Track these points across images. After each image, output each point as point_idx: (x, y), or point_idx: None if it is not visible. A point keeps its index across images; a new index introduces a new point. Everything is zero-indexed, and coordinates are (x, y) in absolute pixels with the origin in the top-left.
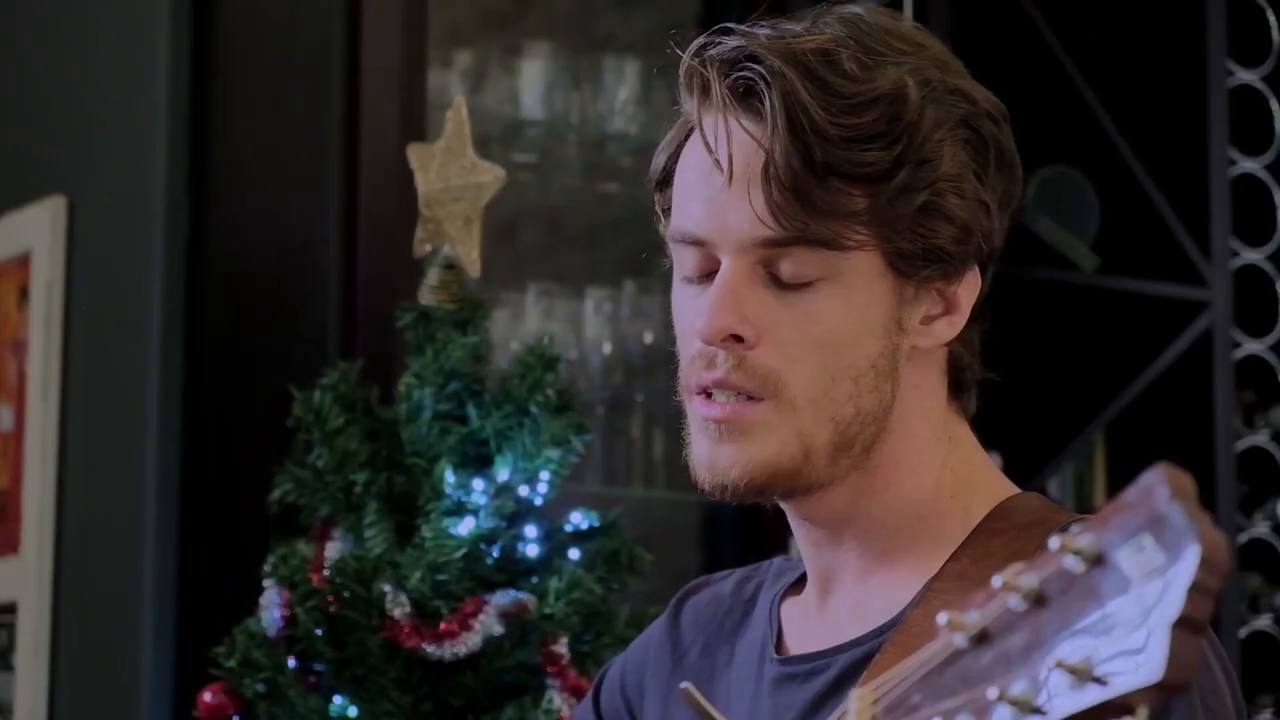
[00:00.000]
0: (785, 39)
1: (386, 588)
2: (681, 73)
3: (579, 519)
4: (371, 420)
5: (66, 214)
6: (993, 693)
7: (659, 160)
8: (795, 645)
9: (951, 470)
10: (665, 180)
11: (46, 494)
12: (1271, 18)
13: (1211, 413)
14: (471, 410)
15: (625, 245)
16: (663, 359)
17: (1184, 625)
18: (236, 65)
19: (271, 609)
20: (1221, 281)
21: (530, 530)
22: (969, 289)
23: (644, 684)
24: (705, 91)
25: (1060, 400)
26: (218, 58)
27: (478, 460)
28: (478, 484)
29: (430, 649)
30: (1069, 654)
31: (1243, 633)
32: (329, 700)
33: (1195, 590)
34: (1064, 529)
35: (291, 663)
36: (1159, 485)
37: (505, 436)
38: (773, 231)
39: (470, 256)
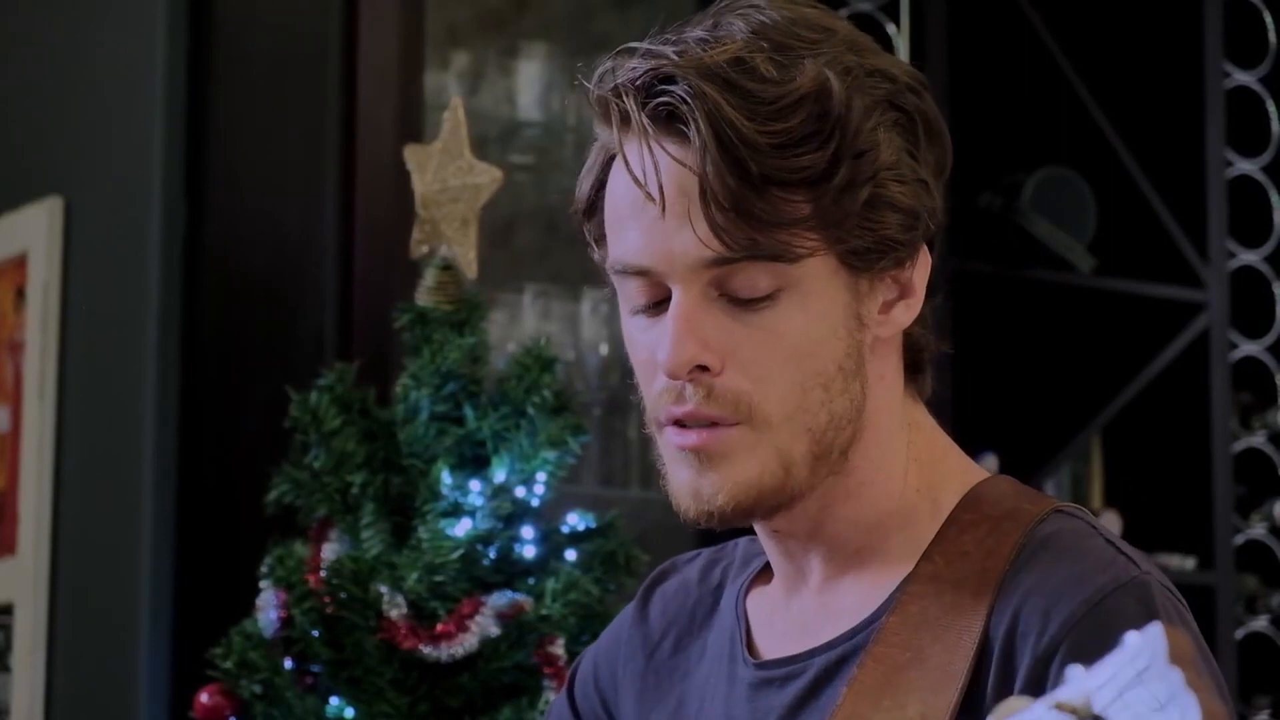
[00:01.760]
0: (695, 52)
1: (383, 589)
2: (593, 101)
3: (576, 520)
4: (368, 421)
5: (63, 215)
6: None
7: (583, 188)
8: (765, 644)
9: (915, 460)
10: (591, 209)
11: (43, 495)
12: (1268, 19)
13: (1208, 414)
14: (468, 411)
15: None
16: None
17: None
18: (233, 66)
19: (268, 610)
20: (1218, 283)
21: (527, 531)
22: (921, 270)
23: (618, 678)
24: (625, 120)
25: (1057, 401)
26: (215, 59)
27: (475, 461)
28: (475, 485)
29: (427, 650)
30: None
31: (1239, 634)
32: (326, 701)
33: None
34: (1040, 520)
35: (288, 664)
36: (1156, 643)
37: (502, 437)
38: (719, 252)
39: (467, 257)
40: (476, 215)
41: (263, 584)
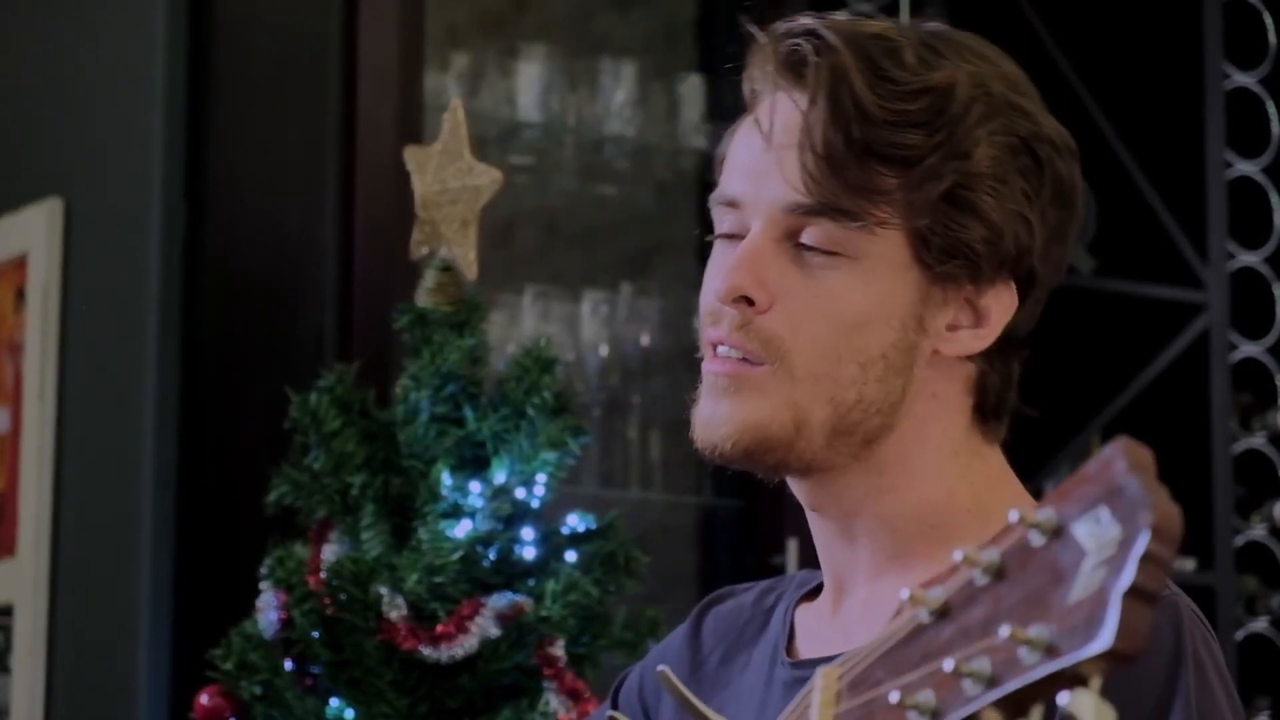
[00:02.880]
0: (853, 23)
1: (383, 590)
2: (750, 50)
3: (576, 521)
4: (368, 422)
5: (63, 216)
6: (949, 665)
7: (724, 143)
8: (807, 649)
9: (971, 484)
10: (724, 160)
11: (43, 496)
12: (1268, 20)
13: (1208, 415)
14: (468, 412)
15: (622, 247)
16: (660, 361)
17: (1135, 595)
18: (233, 67)
19: (268, 611)
20: (1218, 284)
21: (527, 532)
22: (1001, 305)
23: (661, 690)
24: (761, 61)
25: (1057, 402)
26: (214, 60)
27: (474, 462)
28: (474, 486)
29: (427, 651)
30: (1024, 626)
31: (1239, 635)
32: (326, 702)
33: (1147, 560)
34: None
35: (288, 665)
36: (1117, 458)
37: (502, 438)
38: (801, 199)
39: (467, 258)
40: (476, 216)
41: (263, 585)
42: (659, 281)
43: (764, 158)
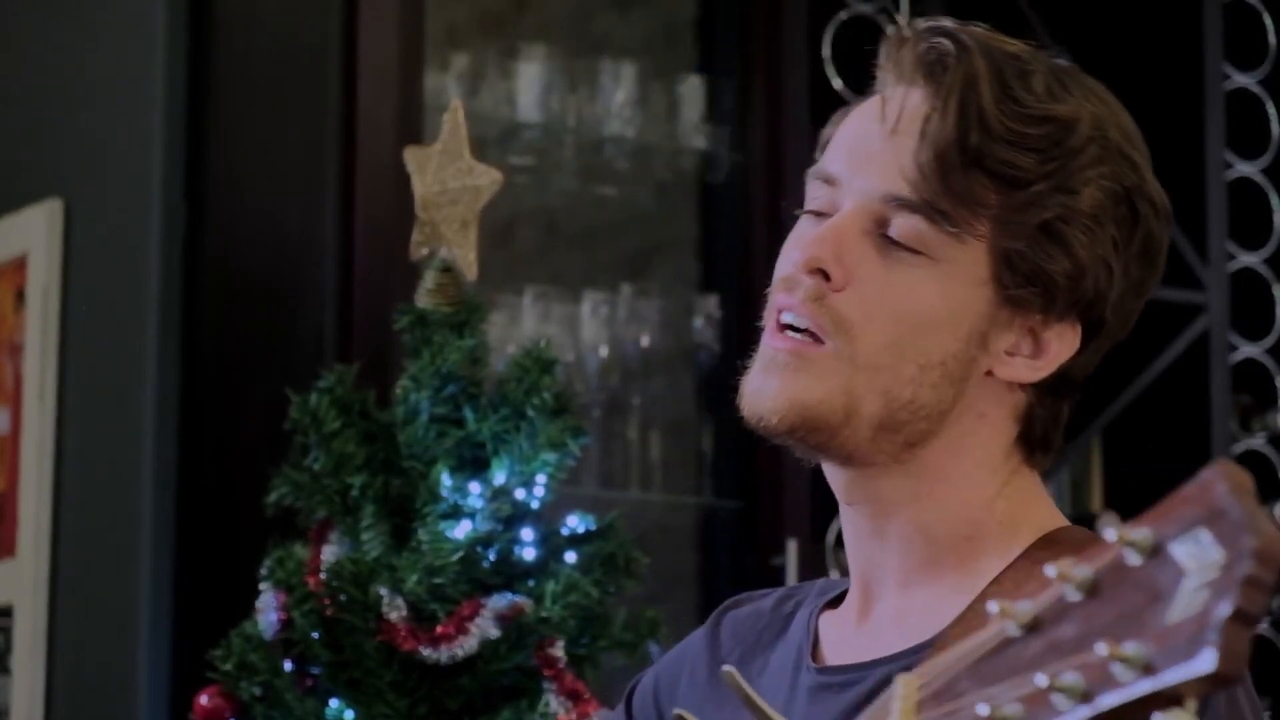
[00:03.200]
0: (991, 37)
1: (383, 591)
2: (884, 40)
3: (576, 522)
4: (368, 423)
5: (63, 217)
6: (1042, 680)
7: (828, 128)
8: (833, 656)
9: (1006, 499)
10: (827, 144)
11: (43, 497)
12: (1268, 21)
13: (1208, 416)
14: (468, 413)
15: (622, 248)
16: (659, 362)
17: (1237, 619)
18: (233, 68)
19: (268, 612)
20: (1218, 285)
21: (527, 533)
22: (1063, 342)
23: (677, 691)
24: (898, 54)
25: None
26: (214, 60)
27: (474, 463)
28: (474, 487)
29: (427, 652)
30: (1121, 644)
31: None
32: (326, 703)
33: (1251, 584)
34: None
35: (288, 666)
36: (1218, 480)
37: (502, 439)
38: (902, 191)
39: (467, 259)
40: (476, 217)
41: (262, 586)
42: (659, 282)
43: (877, 144)
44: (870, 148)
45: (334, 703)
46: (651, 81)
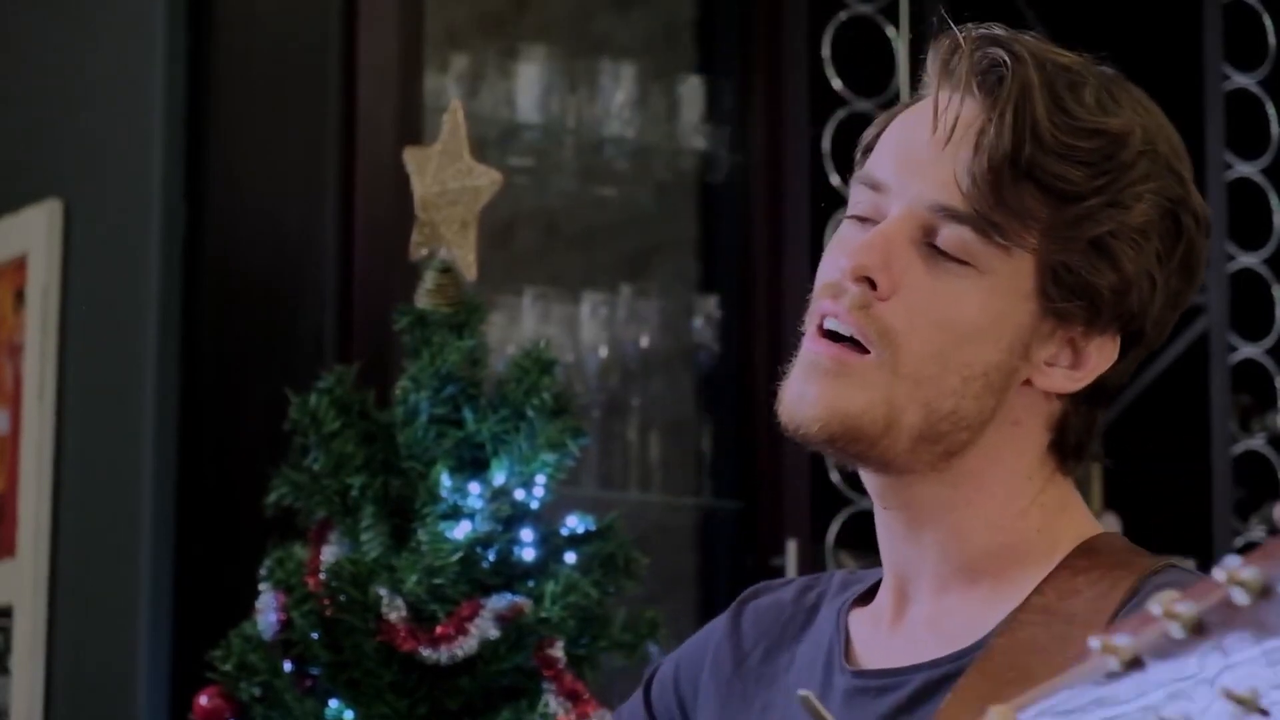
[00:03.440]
0: (1044, 48)
1: (383, 591)
2: (935, 43)
3: (575, 522)
4: (368, 424)
5: (63, 217)
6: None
7: (871, 131)
8: (866, 657)
9: (1041, 506)
10: (870, 148)
11: (42, 497)
12: (1268, 21)
13: (1208, 417)
14: (468, 414)
15: (621, 248)
16: (659, 362)
17: None
18: (233, 68)
19: (268, 612)
20: (1218, 285)
21: (526, 534)
22: (1102, 354)
23: (699, 683)
24: (951, 60)
25: None
26: (214, 61)
27: (474, 464)
28: (474, 487)
29: (426, 652)
30: (1233, 683)
31: None
32: (325, 704)
33: None
34: (1155, 572)
35: (288, 666)
36: None
37: (501, 440)
38: (953, 202)
39: (466, 260)
40: (476, 217)
41: (262, 586)
42: (658, 283)
43: (926, 151)
44: (921, 156)
45: (333, 703)
46: (651, 82)
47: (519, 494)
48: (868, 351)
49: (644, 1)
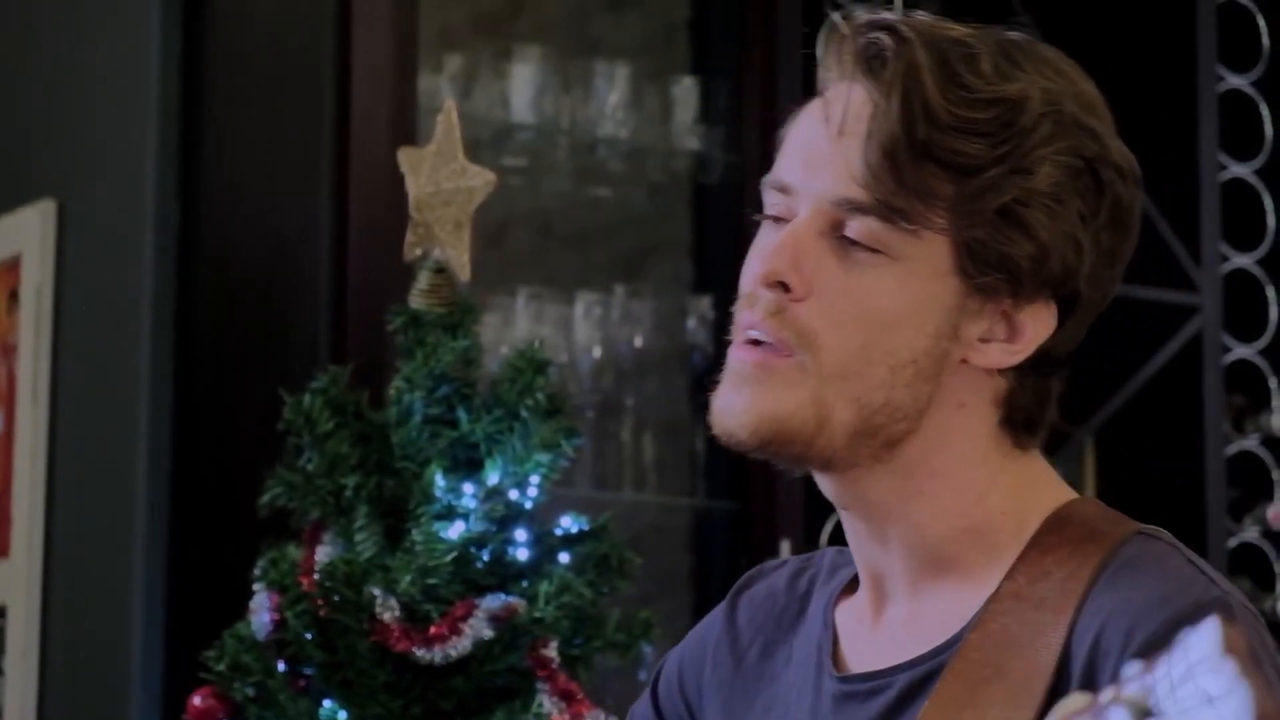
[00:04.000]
0: (935, 25)
1: (376, 591)
2: (822, 34)
3: (569, 523)
4: (362, 424)
5: (57, 217)
6: None
7: (781, 133)
8: (853, 657)
9: (1002, 488)
10: (782, 143)
11: (36, 498)
12: (1261, 22)
13: (1201, 417)
14: (462, 414)
15: (615, 249)
16: (653, 362)
17: None
18: (227, 69)
19: (261, 613)
20: (1211, 286)
21: (520, 534)
22: (1038, 323)
23: (703, 684)
24: (838, 50)
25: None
26: (208, 61)
27: (468, 464)
28: (468, 488)
29: (420, 653)
30: None
31: None
32: (319, 704)
33: None
34: (1122, 542)
35: (281, 666)
36: (1210, 638)
37: (495, 440)
38: (855, 194)
39: (460, 260)
40: (470, 218)
41: (256, 586)
42: (652, 283)
43: (825, 147)
44: (819, 152)
45: (327, 703)
46: (645, 83)
47: (513, 494)
48: (791, 354)
49: (638, 2)
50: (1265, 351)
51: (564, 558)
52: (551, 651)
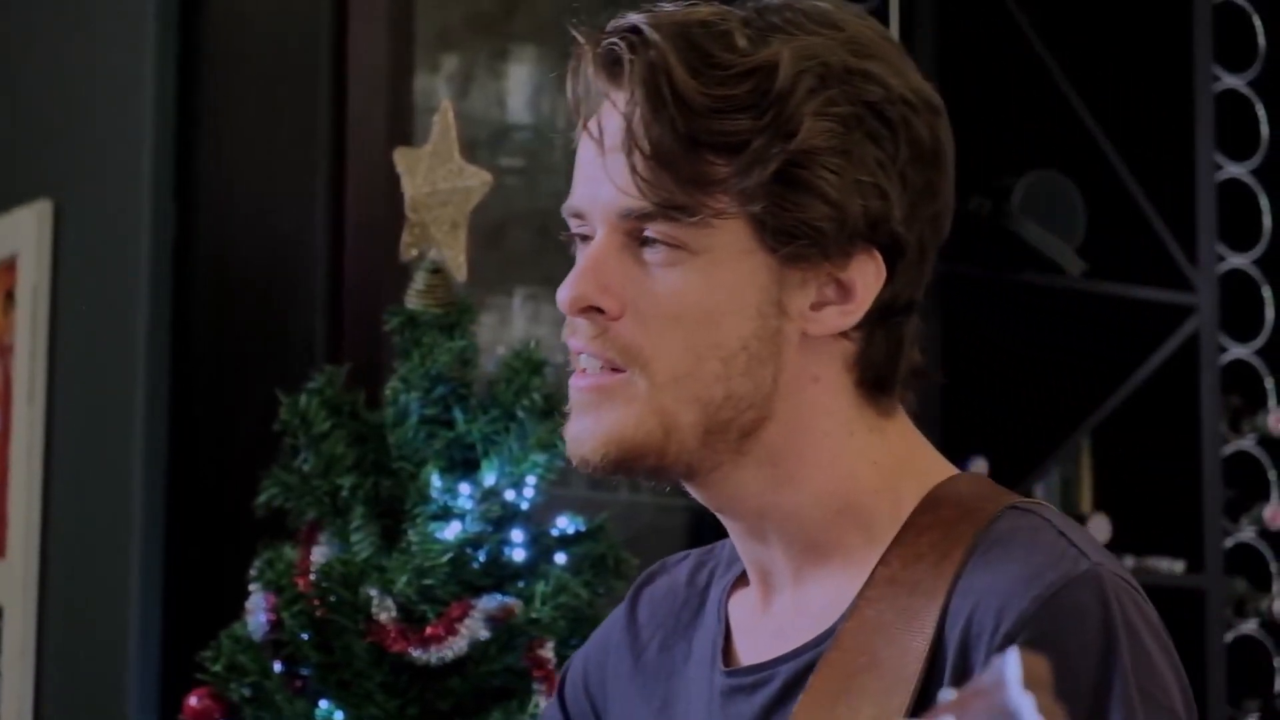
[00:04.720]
0: (681, 12)
1: (373, 592)
2: (569, 59)
3: (565, 523)
4: (358, 424)
5: (53, 218)
6: None
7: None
8: (743, 649)
9: (873, 463)
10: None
11: (33, 498)
12: (1257, 22)
13: (1198, 417)
14: (458, 414)
15: None
16: None
17: None
18: (224, 69)
19: (258, 613)
20: (1208, 286)
21: (517, 534)
22: (866, 277)
23: (606, 682)
24: (582, 68)
25: (1046, 405)
26: (205, 62)
27: (464, 464)
28: (464, 488)
29: (416, 653)
30: None
31: (1229, 637)
32: (315, 704)
33: None
34: (994, 519)
35: (278, 667)
36: (1013, 674)
37: (492, 440)
38: (635, 202)
39: (457, 260)
40: (466, 218)
41: (252, 587)
42: None
43: (597, 164)
44: (595, 170)
45: (324, 704)
46: None
47: (509, 495)
48: (622, 371)
49: (634, 3)
50: (1262, 351)
51: (560, 558)
52: (548, 652)
